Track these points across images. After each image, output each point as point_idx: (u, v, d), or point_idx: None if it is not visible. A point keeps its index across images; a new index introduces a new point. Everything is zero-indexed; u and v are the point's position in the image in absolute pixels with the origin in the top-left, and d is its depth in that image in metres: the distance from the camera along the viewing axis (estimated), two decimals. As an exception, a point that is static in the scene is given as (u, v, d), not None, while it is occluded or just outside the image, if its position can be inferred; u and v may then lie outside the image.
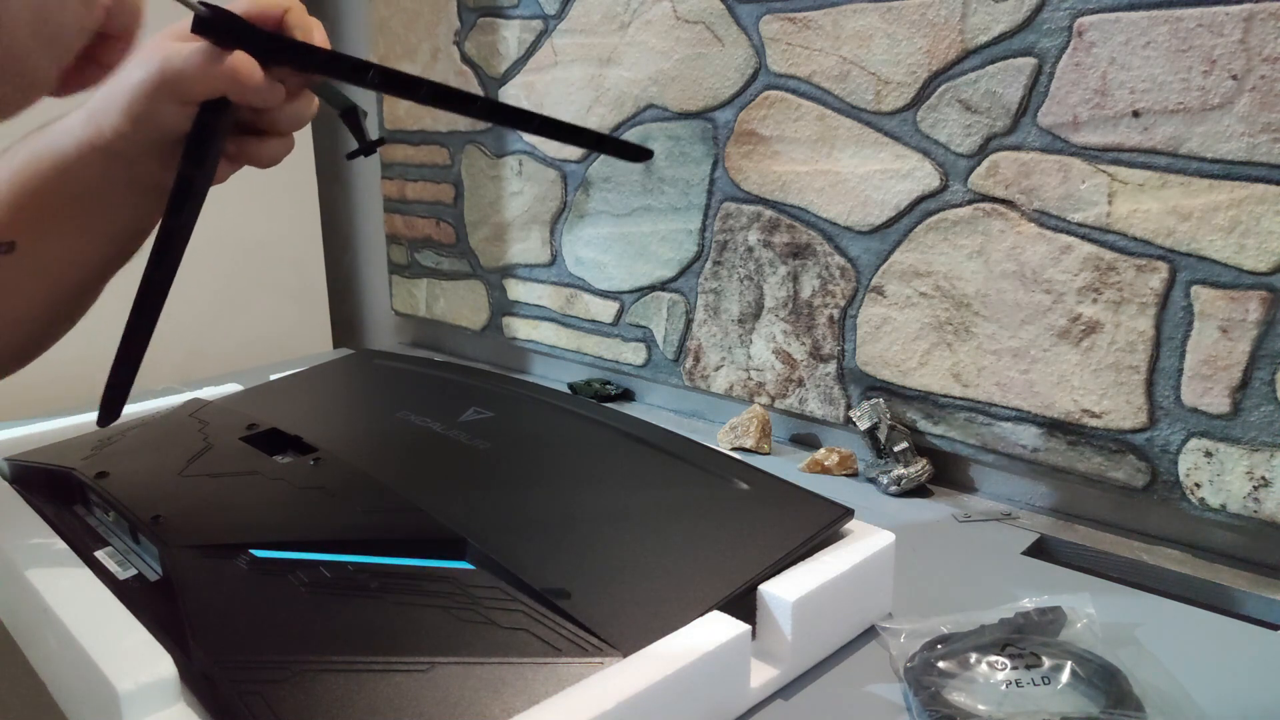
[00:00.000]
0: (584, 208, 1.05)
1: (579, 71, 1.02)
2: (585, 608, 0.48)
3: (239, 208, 1.24)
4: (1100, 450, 0.71)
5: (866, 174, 0.80)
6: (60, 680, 0.50)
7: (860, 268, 0.83)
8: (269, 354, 1.29)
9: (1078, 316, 0.71)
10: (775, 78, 0.85)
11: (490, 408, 0.75)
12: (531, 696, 0.42)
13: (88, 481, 0.62)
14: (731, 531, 0.56)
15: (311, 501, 0.59)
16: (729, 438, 0.90)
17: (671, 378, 1.01)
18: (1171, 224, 0.65)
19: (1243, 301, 0.63)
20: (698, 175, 0.93)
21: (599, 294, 1.06)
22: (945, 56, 0.74)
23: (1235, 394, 0.64)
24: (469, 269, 1.22)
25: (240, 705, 0.40)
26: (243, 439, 0.69)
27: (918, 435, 0.82)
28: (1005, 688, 0.49)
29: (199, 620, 0.46)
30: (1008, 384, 0.75)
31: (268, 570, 0.51)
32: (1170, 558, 0.68)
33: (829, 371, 0.87)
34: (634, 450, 0.67)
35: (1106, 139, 0.67)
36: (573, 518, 0.57)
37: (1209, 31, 0.62)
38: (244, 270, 1.26)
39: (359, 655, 0.44)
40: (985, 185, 0.74)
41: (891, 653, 0.54)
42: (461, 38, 1.15)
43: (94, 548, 0.57)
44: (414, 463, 0.67)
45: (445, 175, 1.22)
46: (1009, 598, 0.57)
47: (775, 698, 0.51)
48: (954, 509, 0.77)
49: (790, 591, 0.51)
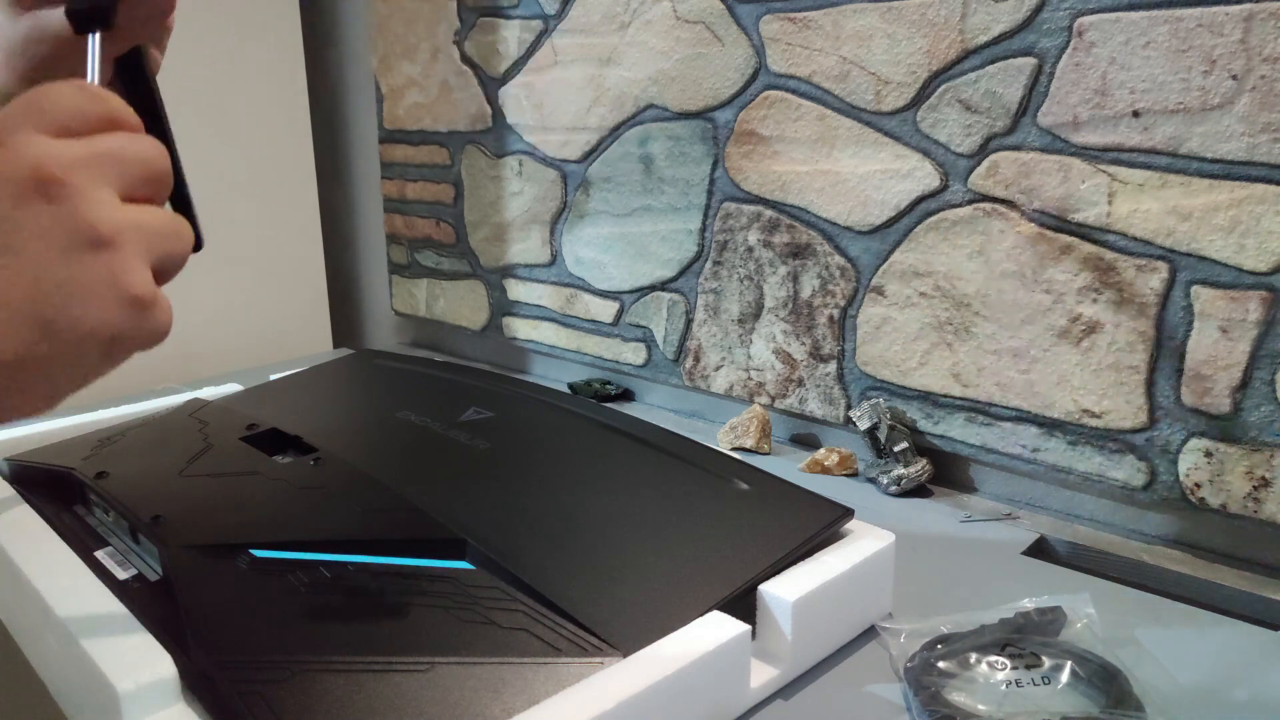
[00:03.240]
0: (584, 208, 1.05)
1: (579, 71, 1.02)
2: (585, 608, 0.48)
3: (239, 208, 1.24)
4: (1100, 450, 0.71)
5: (866, 174, 0.80)
6: (60, 680, 0.50)
7: (860, 268, 0.83)
8: (269, 354, 1.29)
9: (1078, 316, 0.71)
10: (775, 78, 0.85)
11: (490, 408, 0.75)
12: (531, 696, 0.42)
13: (88, 481, 0.62)
14: (731, 531, 0.56)
15: (311, 501, 0.59)
16: (729, 438, 0.90)
17: (671, 378, 1.01)
18: (1171, 224, 0.65)
19: (1243, 301, 0.63)
20: (698, 175, 0.93)
21: (599, 294, 1.06)
22: (945, 56, 0.74)
23: (1235, 394, 0.64)
24: (469, 269, 1.22)
25: (240, 705, 0.40)
26: (243, 439, 0.69)
27: (918, 435, 0.82)
28: (1005, 688, 0.49)
29: (199, 620, 0.46)
30: (1008, 384, 0.75)
31: (268, 570, 0.51)
32: (1170, 558, 0.68)
33: (829, 371, 0.87)
34: (634, 450, 0.67)
35: (1106, 139, 0.67)
36: (573, 518, 0.57)
37: (1209, 31, 0.62)
38: (244, 270, 1.26)
39: (359, 655, 0.44)
40: (985, 185, 0.74)
41: (891, 653, 0.54)
42: (461, 37, 1.15)
43: (94, 548, 0.57)
44: (414, 463, 0.67)
45: (445, 175, 1.22)
46: (1009, 598, 0.57)
47: (775, 698, 0.51)
48: (954, 509, 0.77)
49: (790, 591, 0.51)
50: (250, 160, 1.25)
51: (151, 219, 0.33)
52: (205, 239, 0.40)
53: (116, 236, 0.31)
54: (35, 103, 0.31)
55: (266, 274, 1.29)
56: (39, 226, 0.30)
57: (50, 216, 0.30)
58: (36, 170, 0.30)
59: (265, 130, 1.26)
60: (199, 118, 1.19)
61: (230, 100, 1.22)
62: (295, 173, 1.31)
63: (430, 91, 1.21)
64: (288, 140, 1.29)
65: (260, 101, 1.25)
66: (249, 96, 1.24)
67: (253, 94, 1.24)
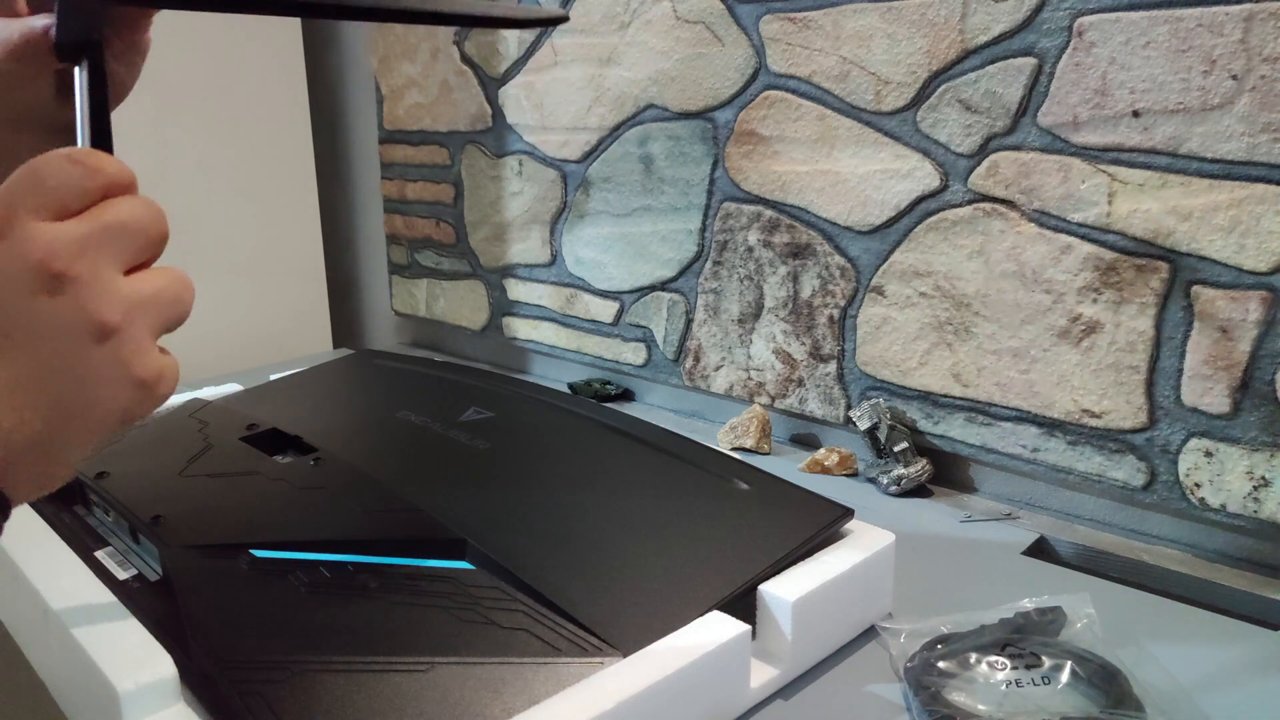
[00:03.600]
0: (584, 208, 1.05)
1: (579, 71, 1.02)
2: (585, 608, 0.48)
3: (239, 208, 1.24)
4: (1100, 450, 0.71)
5: (866, 174, 0.80)
6: (60, 680, 0.50)
7: (860, 268, 0.83)
8: (269, 354, 1.29)
9: (1078, 316, 0.71)
10: (775, 78, 0.85)
11: (490, 408, 0.75)
12: (531, 696, 0.42)
13: (88, 481, 0.62)
14: (731, 531, 0.56)
15: (311, 501, 0.59)
16: (729, 438, 0.90)
17: (671, 378, 1.01)
18: (1171, 224, 0.65)
19: (1243, 301, 0.63)
20: (698, 175, 0.93)
21: (599, 294, 1.06)
22: (945, 56, 0.74)
23: (1235, 394, 0.64)
24: (469, 269, 1.22)
25: (240, 705, 0.40)
26: (243, 439, 0.69)
27: (918, 435, 0.82)
28: (1005, 688, 0.49)
29: (199, 620, 0.46)
30: (1008, 384, 0.75)
31: (268, 570, 0.51)
32: (1170, 558, 0.68)
33: (829, 371, 0.87)
34: (634, 450, 0.67)
35: (1106, 139, 0.67)
36: (573, 518, 0.57)
37: (1209, 31, 0.62)
38: (244, 270, 1.26)
39: (359, 655, 0.44)
40: (985, 185, 0.74)
41: (891, 653, 0.54)
42: (461, 37, 1.15)
43: (94, 548, 0.57)
44: (414, 463, 0.67)
45: (445, 175, 1.22)
46: (1009, 598, 0.57)
47: (775, 698, 0.51)
48: (954, 509, 0.77)
49: (790, 591, 0.51)
50: (250, 160, 1.25)
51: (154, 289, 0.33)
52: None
53: (123, 322, 0.31)
54: (30, 182, 0.31)
55: (267, 274, 1.29)
56: (48, 320, 0.30)
57: (57, 310, 0.30)
58: (42, 265, 0.30)
59: (265, 130, 1.26)
60: (199, 118, 1.19)
61: (230, 100, 1.22)
62: (295, 173, 1.31)
63: (430, 92, 1.21)
64: (288, 140, 1.29)
65: (260, 102, 1.25)
66: (249, 97, 1.24)
67: (253, 94, 1.24)
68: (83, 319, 0.30)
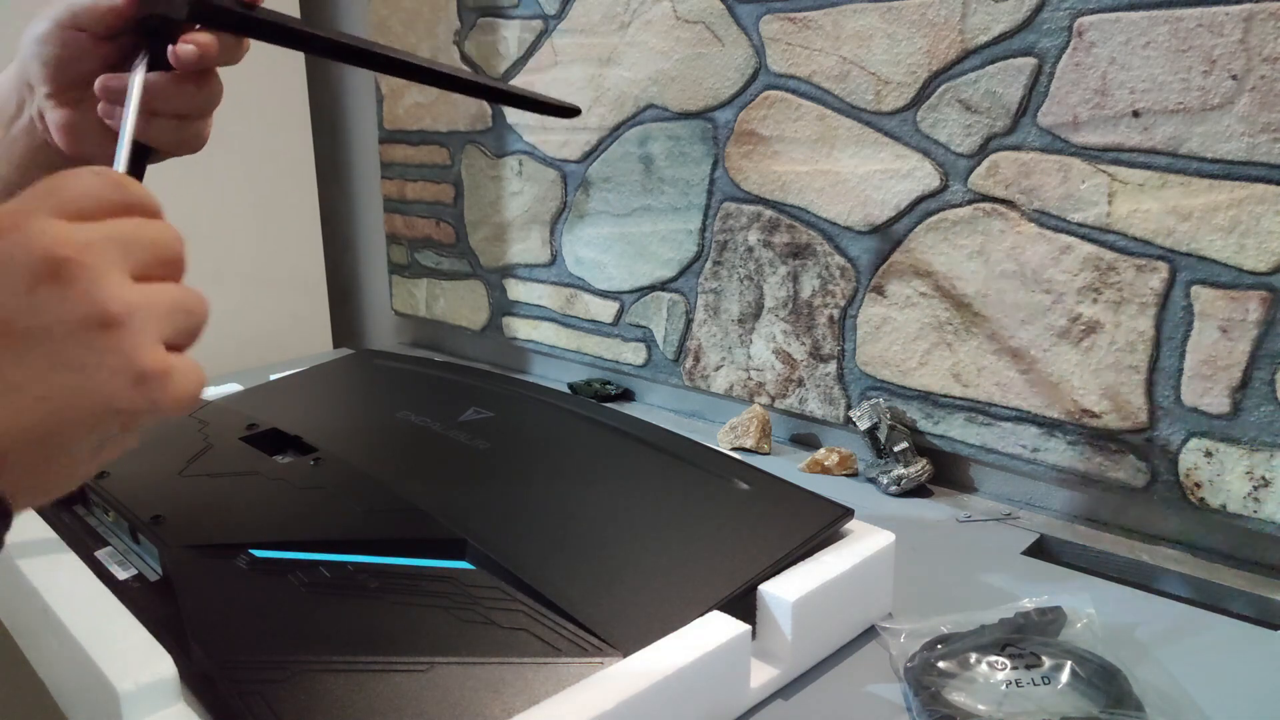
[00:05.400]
0: (584, 208, 1.05)
1: (579, 71, 1.02)
2: (585, 608, 0.48)
3: (239, 208, 1.24)
4: (1100, 450, 0.71)
5: (866, 174, 0.80)
6: (60, 680, 0.50)
7: (860, 268, 0.83)
8: (269, 354, 1.29)
9: (1078, 316, 0.71)
10: (775, 78, 0.85)
11: (490, 408, 0.75)
12: (531, 696, 0.42)
13: (88, 481, 0.62)
14: (731, 531, 0.56)
15: (311, 501, 0.59)
16: (729, 438, 0.90)
17: (671, 378, 1.01)
18: (1171, 224, 0.65)
19: (1243, 301, 0.63)
20: (698, 175, 0.93)
21: (599, 294, 1.06)
22: (945, 56, 0.74)
23: (1235, 394, 0.64)
24: (469, 269, 1.22)
25: (240, 705, 0.40)
26: (243, 439, 0.69)
27: (918, 435, 0.82)
28: (1005, 688, 0.49)
29: (199, 620, 0.46)
30: (1008, 384, 0.75)
31: (267, 570, 0.51)
32: (1170, 558, 0.68)
33: (829, 371, 0.87)
34: (634, 450, 0.67)
35: (1106, 139, 0.67)
36: (573, 518, 0.57)
37: (1209, 31, 0.62)
38: (244, 270, 1.26)
39: (359, 655, 0.44)
40: (985, 185, 0.74)
41: (891, 653, 0.54)
42: (461, 38, 1.15)
43: (94, 548, 0.57)
44: (414, 463, 0.67)
45: (445, 175, 1.22)
46: (1009, 598, 0.57)
47: (775, 698, 0.51)
48: (954, 509, 0.77)
49: (790, 591, 0.51)
50: (250, 160, 1.25)
51: (163, 296, 0.33)
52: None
53: (126, 314, 0.31)
54: (52, 188, 0.32)
55: (266, 274, 1.29)
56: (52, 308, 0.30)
57: (62, 297, 0.30)
58: (48, 252, 0.30)
59: (265, 131, 1.26)
60: (199, 118, 1.19)
61: (230, 100, 1.21)
62: (295, 172, 1.31)
63: (430, 91, 1.21)
64: (288, 141, 1.29)
65: (260, 102, 1.25)
66: (249, 97, 1.24)
67: (253, 94, 1.24)
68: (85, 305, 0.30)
